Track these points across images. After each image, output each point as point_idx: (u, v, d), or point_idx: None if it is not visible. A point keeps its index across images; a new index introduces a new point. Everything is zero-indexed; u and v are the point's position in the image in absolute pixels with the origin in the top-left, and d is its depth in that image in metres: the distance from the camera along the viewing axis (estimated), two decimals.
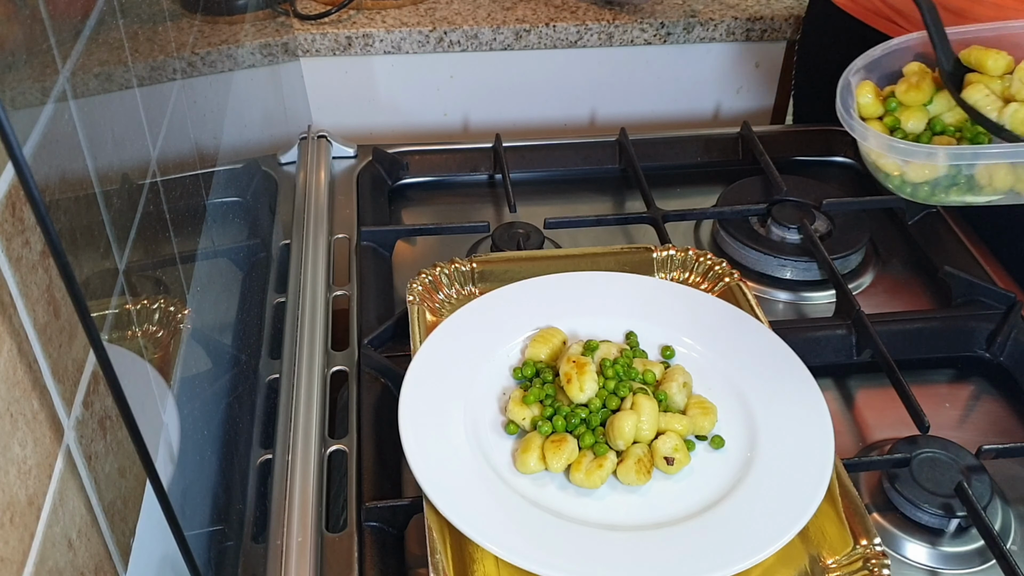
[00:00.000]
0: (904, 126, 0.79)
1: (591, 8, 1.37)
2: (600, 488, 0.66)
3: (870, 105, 0.82)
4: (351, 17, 1.33)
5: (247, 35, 1.05)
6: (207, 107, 0.82)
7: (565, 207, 1.05)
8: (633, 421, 0.67)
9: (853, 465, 0.71)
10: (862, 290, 0.95)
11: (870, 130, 0.78)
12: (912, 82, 0.80)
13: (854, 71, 0.84)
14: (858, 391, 0.84)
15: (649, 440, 0.67)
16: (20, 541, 0.41)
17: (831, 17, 1.16)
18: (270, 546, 0.68)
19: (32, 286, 0.44)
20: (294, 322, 0.86)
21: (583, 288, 0.82)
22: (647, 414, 0.67)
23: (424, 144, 1.11)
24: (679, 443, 0.67)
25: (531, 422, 0.69)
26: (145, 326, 0.60)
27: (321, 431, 0.75)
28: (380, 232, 0.96)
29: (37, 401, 0.44)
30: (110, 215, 0.54)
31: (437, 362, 0.73)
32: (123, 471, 0.54)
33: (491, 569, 0.61)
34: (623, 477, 0.66)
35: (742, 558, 0.60)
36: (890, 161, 0.78)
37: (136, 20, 0.64)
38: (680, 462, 0.66)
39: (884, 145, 0.76)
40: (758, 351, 0.76)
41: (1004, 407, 0.82)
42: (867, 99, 0.82)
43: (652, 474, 0.66)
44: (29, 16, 0.46)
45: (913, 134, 0.79)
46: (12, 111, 0.42)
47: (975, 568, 0.68)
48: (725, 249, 0.98)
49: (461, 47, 1.34)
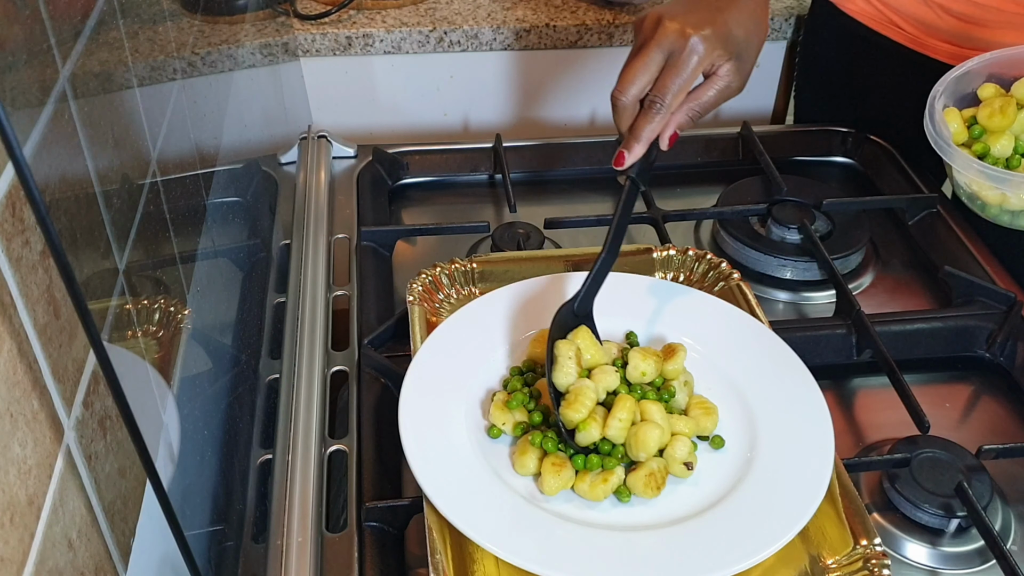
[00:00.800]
0: (992, 152, 0.79)
1: (591, 8, 1.37)
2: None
3: (957, 133, 0.82)
4: (351, 17, 1.33)
5: (247, 35, 1.05)
6: (207, 107, 0.82)
7: (565, 207, 1.05)
8: (658, 434, 0.65)
9: (853, 465, 0.71)
10: (862, 290, 0.95)
11: (976, 162, 0.78)
12: (996, 107, 0.80)
13: (937, 97, 0.84)
14: (858, 391, 0.84)
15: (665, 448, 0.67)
16: (20, 541, 0.41)
17: (833, 19, 1.16)
18: (270, 546, 0.68)
19: (32, 286, 0.44)
20: (294, 322, 0.86)
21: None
22: (663, 421, 0.67)
23: (424, 144, 1.11)
24: (692, 448, 0.67)
25: (513, 427, 0.69)
26: (145, 326, 0.60)
27: (321, 431, 0.75)
28: (380, 232, 0.96)
29: (37, 401, 0.44)
30: (110, 215, 0.54)
31: (437, 362, 0.73)
32: (123, 471, 0.54)
33: (491, 569, 0.61)
34: (633, 487, 0.65)
35: (742, 558, 0.60)
36: (991, 191, 0.78)
37: (136, 20, 0.64)
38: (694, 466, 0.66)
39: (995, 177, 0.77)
40: (758, 351, 0.76)
41: (1004, 407, 0.82)
42: (955, 126, 0.82)
43: (661, 491, 0.65)
44: (29, 16, 0.46)
45: (1002, 159, 0.79)
46: (12, 111, 0.42)
47: (975, 568, 0.68)
48: (725, 249, 0.98)
49: (461, 47, 1.34)
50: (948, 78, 0.85)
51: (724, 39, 0.72)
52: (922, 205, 1.01)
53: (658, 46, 0.71)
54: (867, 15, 1.12)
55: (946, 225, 0.99)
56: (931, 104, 0.83)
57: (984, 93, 0.84)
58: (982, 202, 0.82)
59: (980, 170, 0.78)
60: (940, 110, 0.82)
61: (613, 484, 0.65)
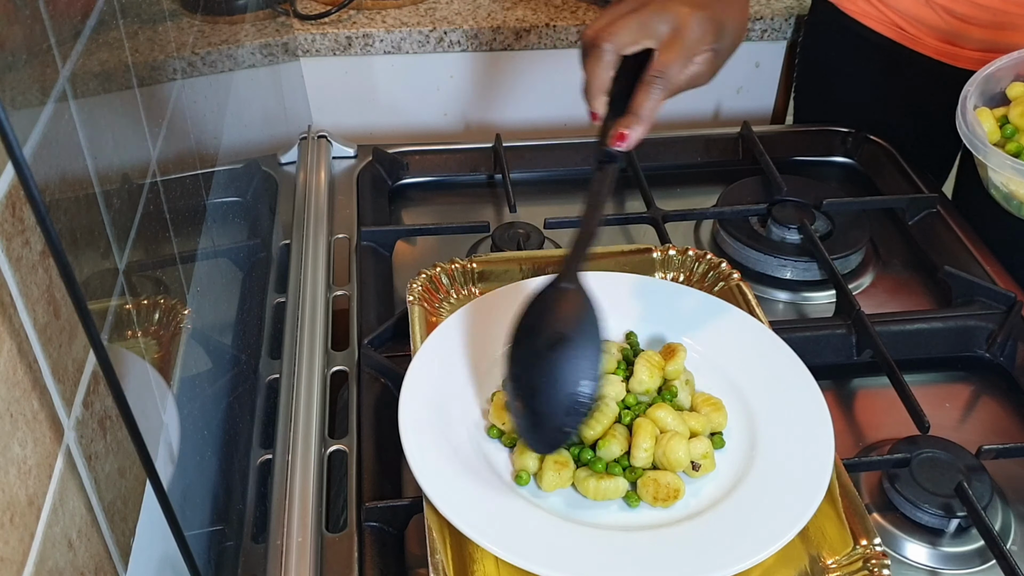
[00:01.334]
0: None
1: (591, 8, 1.37)
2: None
3: (991, 132, 0.82)
4: (351, 17, 1.33)
5: (247, 35, 1.05)
6: (207, 107, 0.82)
7: (565, 207, 1.05)
8: (686, 446, 0.65)
9: (853, 465, 0.71)
10: (862, 290, 0.95)
11: (1012, 160, 0.78)
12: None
13: (968, 97, 0.83)
14: (858, 391, 0.84)
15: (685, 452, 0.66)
16: (20, 541, 0.41)
17: (834, 20, 1.16)
18: (270, 546, 0.68)
19: (32, 286, 0.44)
20: (294, 322, 0.86)
21: None
22: (680, 426, 0.67)
23: (424, 144, 1.11)
24: (708, 449, 0.66)
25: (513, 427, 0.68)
26: (145, 326, 0.60)
27: (321, 431, 0.75)
28: (380, 232, 0.96)
29: (37, 401, 0.44)
30: (110, 215, 0.54)
31: (437, 362, 0.73)
32: (123, 471, 0.54)
33: (491, 569, 0.61)
34: (643, 494, 0.65)
35: (742, 558, 0.60)
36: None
37: (136, 20, 0.64)
38: (706, 468, 0.66)
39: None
40: (758, 351, 0.76)
41: (1004, 407, 0.82)
42: (988, 126, 0.82)
43: (671, 512, 0.64)
44: (29, 16, 0.46)
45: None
46: (12, 111, 0.42)
47: (975, 568, 0.68)
48: (725, 249, 0.98)
49: (461, 47, 1.34)
50: (977, 78, 0.85)
51: (718, 28, 0.68)
52: (922, 205, 1.01)
53: (661, 11, 0.66)
54: (869, 16, 1.12)
55: (946, 225, 0.99)
56: (962, 103, 0.83)
57: (1013, 92, 0.84)
58: (1018, 202, 0.82)
59: (1015, 167, 0.78)
60: (972, 110, 0.82)
61: (617, 490, 0.64)
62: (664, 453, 0.65)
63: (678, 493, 0.64)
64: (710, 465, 0.66)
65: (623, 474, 0.65)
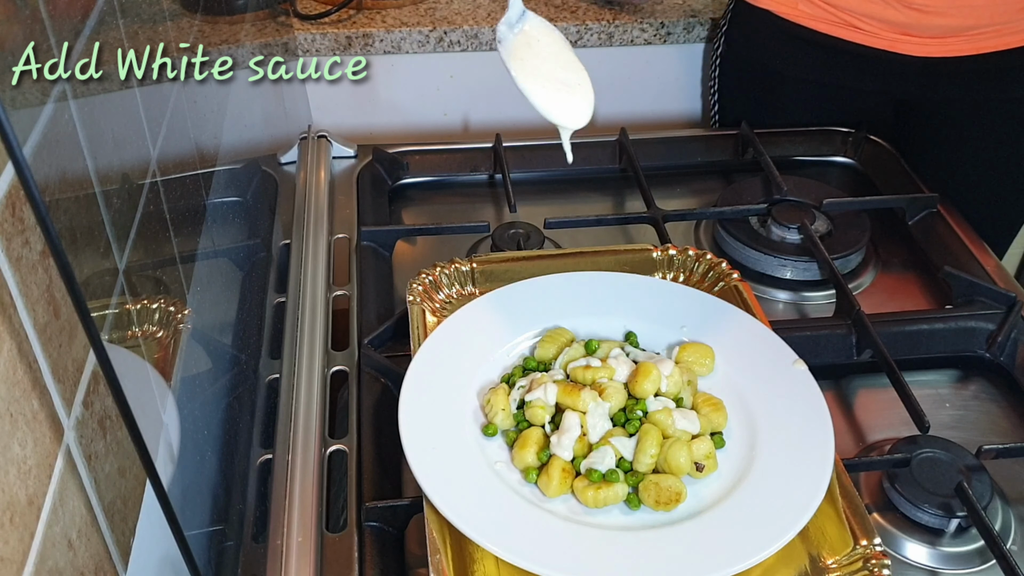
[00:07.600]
0: None
1: (591, 8, 1.37)
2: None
3: None
4: (351, 17, 1.33)
5: (247, 35, 1.05)
6: (207, 107, 0.82)
7: (565, 207, 1.05)
8: (688, 452, 0.65)
9: (853, 465, 0.71)
10: (862, 290, 0.95)
11: None
12: None
13: None
14: (858, 391, 0.84)
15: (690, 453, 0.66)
16: (20, 541, 0.41)
17: (762, 21, 1.16)
18: (270, 546, 0.68)
19: (32, 286, 0.44)
20: (294, 322, 0.86)
21: (583, 288, 0.82)
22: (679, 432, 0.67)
23: (424, 144, 1.11)
24: (711, 449, 0.66)
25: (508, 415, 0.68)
26: (145, 326, 0.60)
27: (321, 431, 0.75)
28: (380, 232, 0.96)
29: (37, 401, 0.44)
30: (110, 215, 0.54)
31: (437, 362, 0.73)
32: (123, 471, 0.54)
33: (491, 569, 0.61)
34: (644, 498, 0.65)
35: (742, 558, 0.60)
36: None
37: (136, 20, 0.63)
38: (709, 468, 0.66)
39: None
40: (758, 351, 0.76)
41: (1004, 407, 0.82)
42: None
43: (671, 512, 0.64)
44: (29, 16, 0.46)
45: None
46: (12, 111, 0.42)
47: (975, 568, 0.68)
48: (725, 249, 0.98)
49: (461, 47, 1.34)
50: None
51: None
52: (922, 205, 1.01)
53: None
54: (807, 16, 1.10)
55: (946, 225, 0.99)
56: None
57: None
58: None
59: None
60: None
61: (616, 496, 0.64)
62: (666, 459, 0.65)
63: (679, 497, 0.64)
64: (713, 465, 0.66)
65: (624, 478, 0.65)
